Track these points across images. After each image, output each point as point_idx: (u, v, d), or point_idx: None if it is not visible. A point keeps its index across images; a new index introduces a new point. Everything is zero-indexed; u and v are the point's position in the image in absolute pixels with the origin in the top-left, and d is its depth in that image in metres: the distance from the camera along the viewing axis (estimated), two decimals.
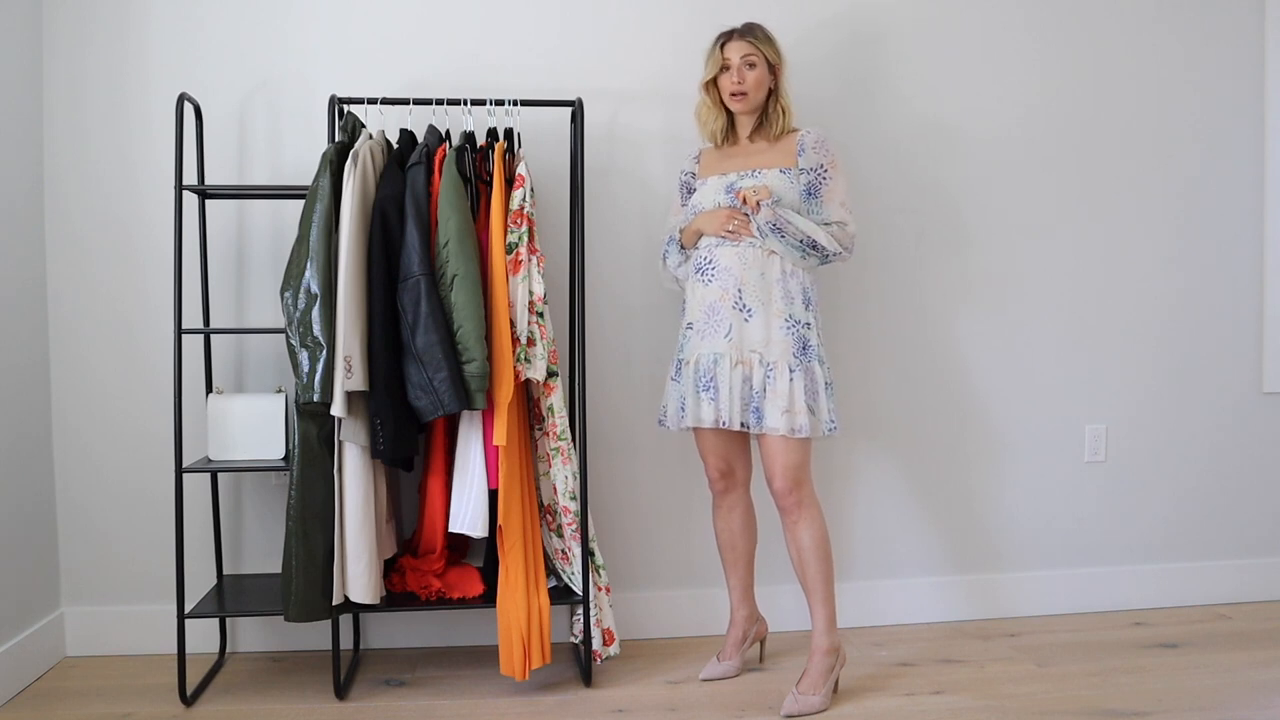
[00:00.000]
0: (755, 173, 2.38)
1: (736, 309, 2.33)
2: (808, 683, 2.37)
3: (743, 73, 2.37)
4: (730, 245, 2.35)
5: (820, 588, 2.38)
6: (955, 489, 2.99)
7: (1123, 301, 3.05)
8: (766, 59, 2.38)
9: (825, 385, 2.36)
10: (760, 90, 2.39)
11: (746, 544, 2.56)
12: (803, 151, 2.38)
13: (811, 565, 2.37)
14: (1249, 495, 3.14)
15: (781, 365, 2.30)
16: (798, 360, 2.32)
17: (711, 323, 2.35)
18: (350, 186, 2.28)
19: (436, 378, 2.25)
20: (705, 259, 2.39)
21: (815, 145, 2.38)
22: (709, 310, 2.36)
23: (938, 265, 2.95)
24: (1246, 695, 2.44)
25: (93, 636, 2.71)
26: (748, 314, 2.33)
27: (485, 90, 2.64)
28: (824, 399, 2.34)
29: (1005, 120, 2.96)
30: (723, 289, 2.35)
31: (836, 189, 2.38)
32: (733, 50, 2.38)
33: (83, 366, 2.69)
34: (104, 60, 2.67)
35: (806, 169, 2.37)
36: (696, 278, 2.41)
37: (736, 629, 2.57)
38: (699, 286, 2.40)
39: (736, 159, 2.45)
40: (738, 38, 2.39)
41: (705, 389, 2.34)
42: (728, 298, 2.34)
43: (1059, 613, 3.03)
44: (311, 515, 2.30)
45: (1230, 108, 3.07)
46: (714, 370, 2.33)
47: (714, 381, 2.33)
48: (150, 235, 2.69)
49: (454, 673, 2.62)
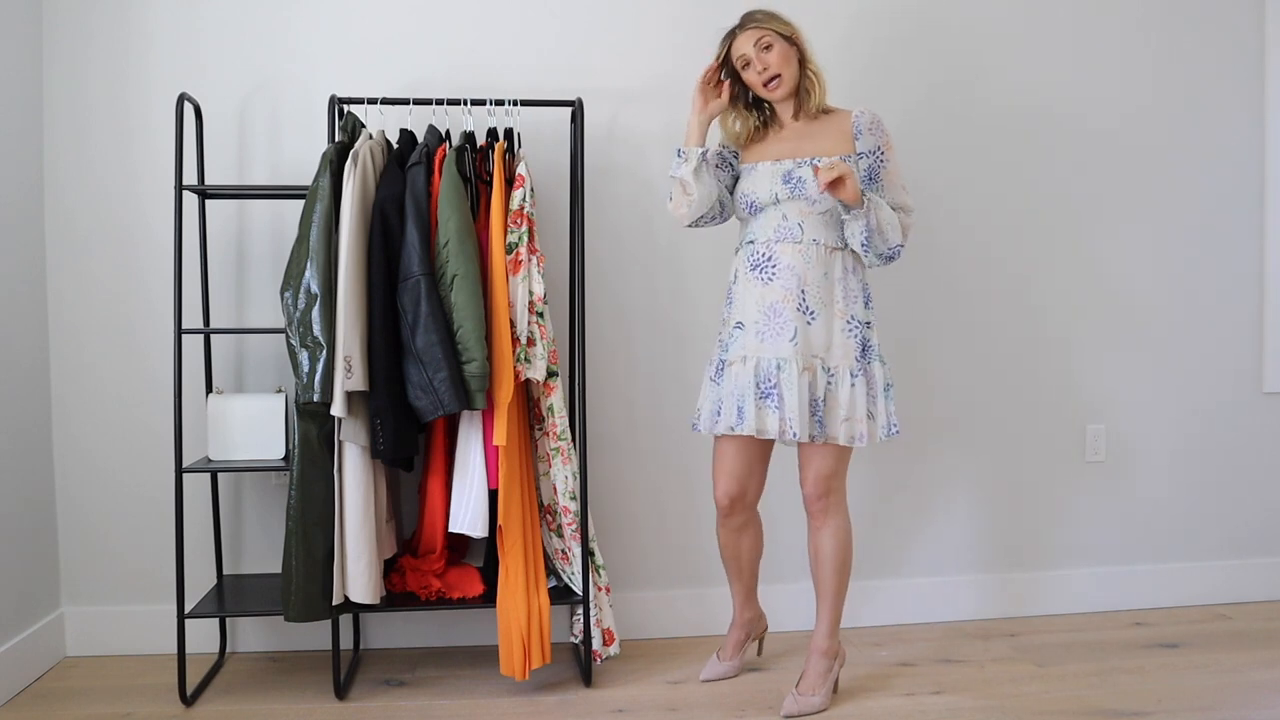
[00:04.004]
0: (814, 161, 2.24)
1: (800, 311, 2.21)
2: (807, 683, 2.37)
3: (763, 58, 2.25)
4: (791, 242, 2.23)
5: (833, 592, 2.36)
6: (955, 489, 2.99)
7: (1123, 301, 3.05)
8: (780, 34, 2.27)
9: (885, 387, 2.28)
10: (790, 66, 2.27)
11: (753, 556, 2.50)
12: (859, 134, 2.26)
13: (830, 570, 2.34)
14: (1249, 495, 3.14)
15: (843, 371, 2.22)
16: (859, 364, 2.24)
17: (773, 325, 2.22)
18: (350, 186, 2.28)
19: (436, 378, 2.25)
20: (764, 256, 2.26)
21: (871, 127, 2.26)
22: (769, 311, 2.23)
23: (937, 264, 2.95)
24: (1246, 695, 2.44)
25: (93, 636, 2.71)
26: (811, 316, 2.22)
27: (485, 90, 2.64)
28: (883, 402, 2.27)
29: (1005, 119, 2.96)
30: (785, 289, 2.22)
31: (895, 171, 2.28)
32: (742, 44, 2.28)
33: (83, 366, 2.69)
34: (104, 60, 2.67)
35: (865, 153, 2.26)
36: (753, 275, 2.27)
37: (740, 630, 2.56)
38: (755, 285, 2.26)
39: (786, 143, 2.32)
40: (740, 31, 2.30)
41: (765, 396, 2.20)
42: (791, 299, 2.22)
43: (1059, 613, 3.03)
44: (311, 515, 2.30)
45: (1230, 107, 3.07)
46: (778, 377, 2.20)
47: (777, 389, 2.19)
48: (150, 235, 2.69)
49: (454, 673, 2.62)
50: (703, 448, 2.77)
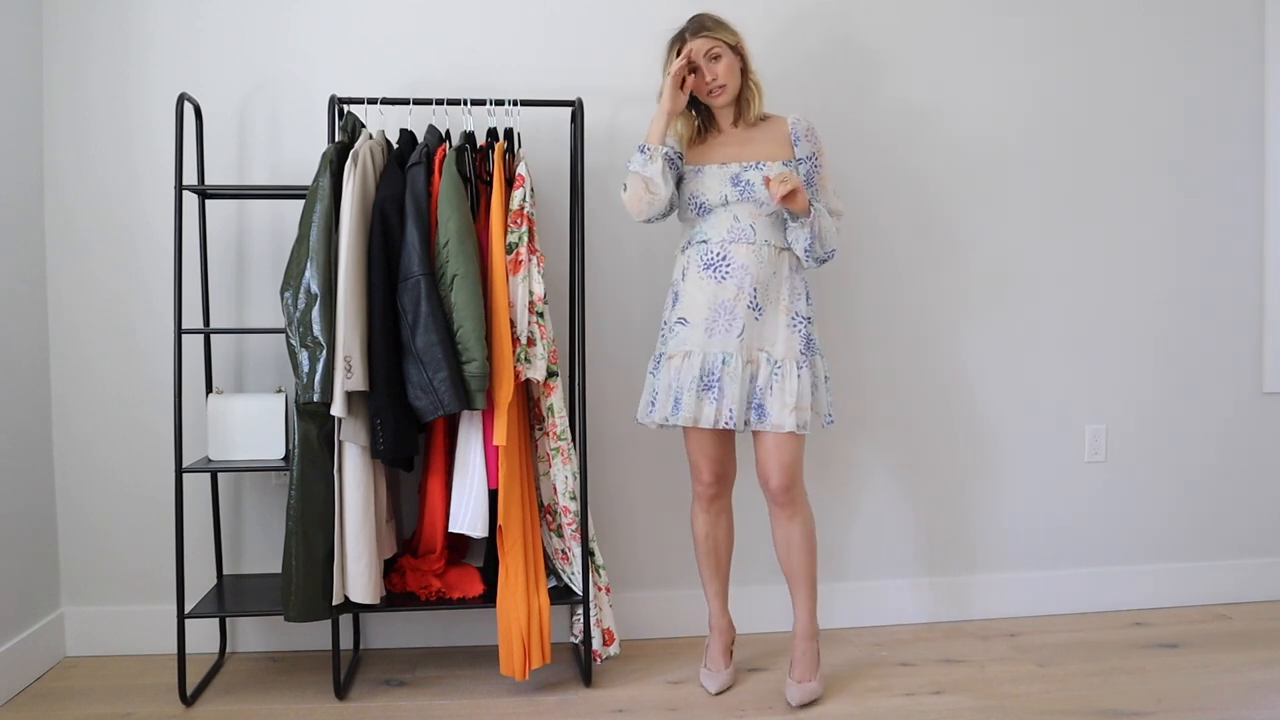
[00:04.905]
0: (759, 165, 2.34)
1: (751, 308, 2.31)
2: (802, 670, 2.42)
3: (712, 68, 2.34)
4: (745, 243, 2.32)
5: (809, 579, 2.43)
6: (955, 489, 2.99)
7: (1123, 301, 3.05)
8: (728, 44, 2.35)
9: (825, 379, 2.39)
10: (735, 77, 2.36)
11: (729, 550, 2.54)
12: (798, 141, 2.37)
13: (804, 557, 2.41)
14: (1249, 495, 3.14)
15: (789, 362, 2.31)
16: (804, 357, 2.34)
17: (721, 321, 2.31)
18: (350, 186, 2.28)
19: (436, 378, 2.25)
20: (718, 255, 2.34)
21: (808, 133, 2.37)
22: (719, 308, 2.32)
23: (938, 265, 2.95)
24: (1246, 695, 2.44)
25: (93, 636, 2.71)
26: (759, 312, 2.32)
27: (485, 90, 2.64)
28: (823, 393, 2.38)
29: (1005, 119, 2.96)
30: (739, 288, 2.31)
31: (828, 176, 2.41)
32: (693, 50, 2.34)
33: (83, 366, 2.69)
34: (104, 60, 2.67)
35: (803, 158, 2.36)
36: (706, 273, 2.34)
37: (723, 636, 2.55)
38: (708, 283, 2.33)
39: (729, 147, 2.41)
40: (691, 37, 2.35)
41: (708, 388, 2.31)
42: (743, 297, 2.31)
43: (1059, 613, 3.03)
44: (311, 515, 2.30)
45: (1230, 107, 3.07)
46: (721, 370, 2.30)
47: (719, 381, 2.29)
48: (150, 235, 2.69)
49: (454, 673, 2.62)
50: None
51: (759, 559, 2.79)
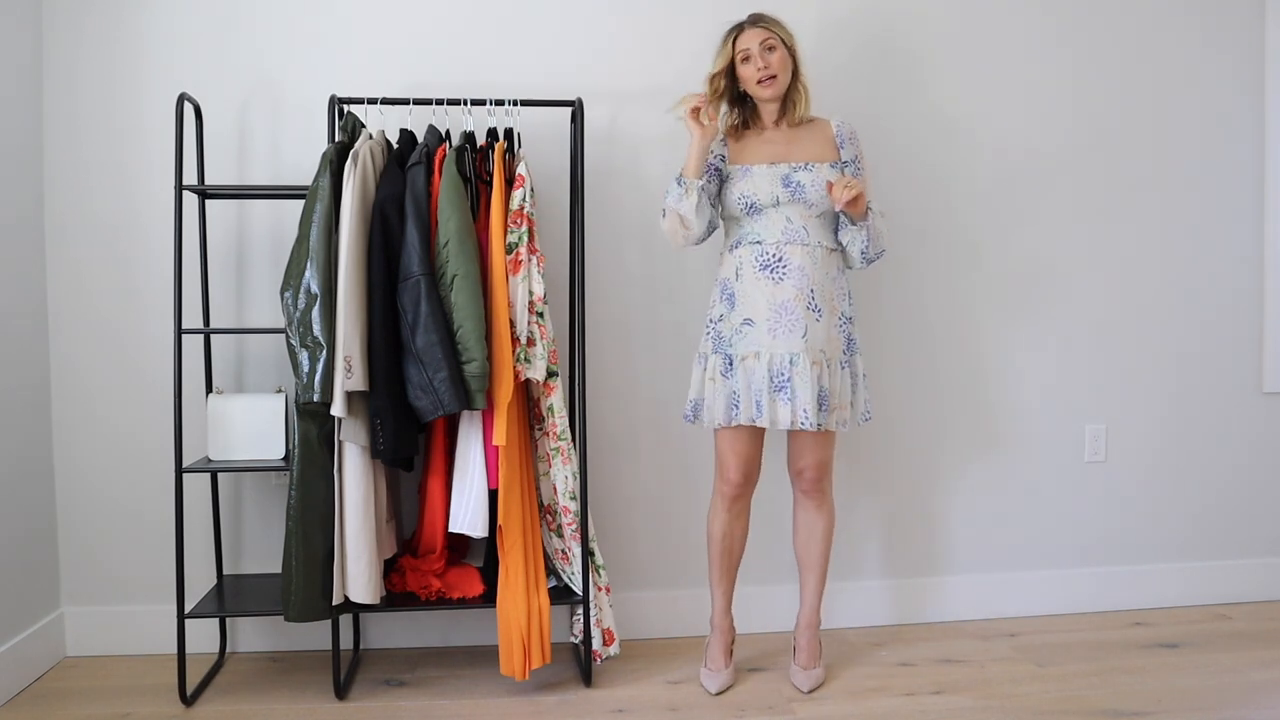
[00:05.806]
0: (809, 166, 2.35)
1: (810, 310, 2.32)
2: (807, 656, 2.50)
3: (765, 57, 2.34)
4: (800, 244, 2.33)
5: (822, 570, 2.52)
6: (955, 488, 2.99)
7: (1122, 301, 3.05)
8: (783, 41, 2.37)
9: (864, 376, 2.45)
10: (787, 71, 2.37)
11: (742, 550, 2.54)
12: (843, 144, 2.41)
13: (823, 546, 2.51)
14: (1249, 495, 3.14)
15: (835, 363, 2.36)
16: (845, 356, 2.39)
17: (784, 322, 2.31)
18: (350, 186, 2.28)
19: (436, 378, 2.25)
20: (774, 257, 2.34)
21: (852, 137, 2.42)
22: (780, 309, 2.32)
23: (938, 266, 2.95)
24: (1246, 695, 2.44)
25: (93, 636, 2.71)
26: (818, 314, 2.34)
27: (485, 90, 2.64)
28: (862, 390, 2.44)
29: (1006, 123, 2.96)
30: (797, 289, 2.32)
31: (868, 179, 2.45)
32: (748, 40, 2.35)
33: (82, 367, 2.69)
34: (103, 60, 2.67)
35: (848, 161, 2.40)
36: (763, 274, 2.34)
37: (725, 635, 2.55)
38: (766, 284, 2.34)
39: (775, 146, 2.41)
40: (750, 27, 2.37)
41: (779, 389, 2.30)
42: (802, 298, 2.32)
43: (1059, 613, 3.03)
44: (311, 515, 2.30)
45: (1230, 108, 3.07)
46: (791, 371, 2.30)
47: (789, 382, 2.29)
48: (150, 235, 2.69)
49: (454, 673, 2.62)
50: (703, 447, 2.77)
51: (759, 559, 2.79)
